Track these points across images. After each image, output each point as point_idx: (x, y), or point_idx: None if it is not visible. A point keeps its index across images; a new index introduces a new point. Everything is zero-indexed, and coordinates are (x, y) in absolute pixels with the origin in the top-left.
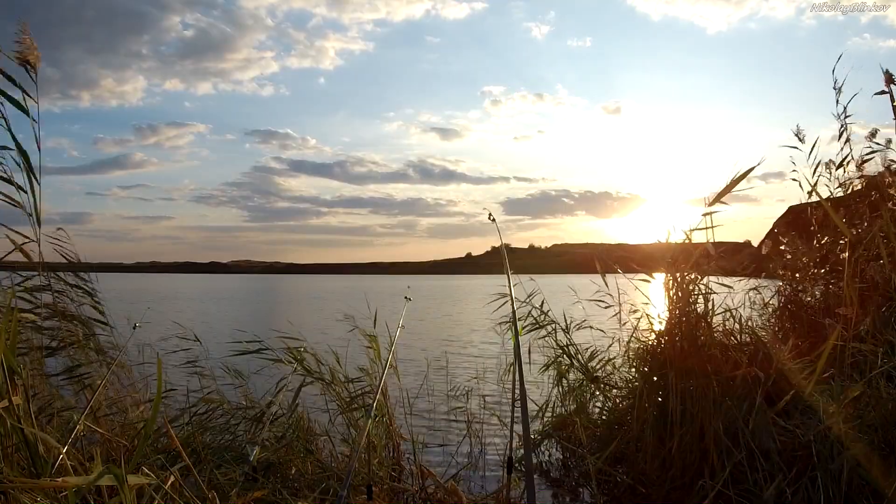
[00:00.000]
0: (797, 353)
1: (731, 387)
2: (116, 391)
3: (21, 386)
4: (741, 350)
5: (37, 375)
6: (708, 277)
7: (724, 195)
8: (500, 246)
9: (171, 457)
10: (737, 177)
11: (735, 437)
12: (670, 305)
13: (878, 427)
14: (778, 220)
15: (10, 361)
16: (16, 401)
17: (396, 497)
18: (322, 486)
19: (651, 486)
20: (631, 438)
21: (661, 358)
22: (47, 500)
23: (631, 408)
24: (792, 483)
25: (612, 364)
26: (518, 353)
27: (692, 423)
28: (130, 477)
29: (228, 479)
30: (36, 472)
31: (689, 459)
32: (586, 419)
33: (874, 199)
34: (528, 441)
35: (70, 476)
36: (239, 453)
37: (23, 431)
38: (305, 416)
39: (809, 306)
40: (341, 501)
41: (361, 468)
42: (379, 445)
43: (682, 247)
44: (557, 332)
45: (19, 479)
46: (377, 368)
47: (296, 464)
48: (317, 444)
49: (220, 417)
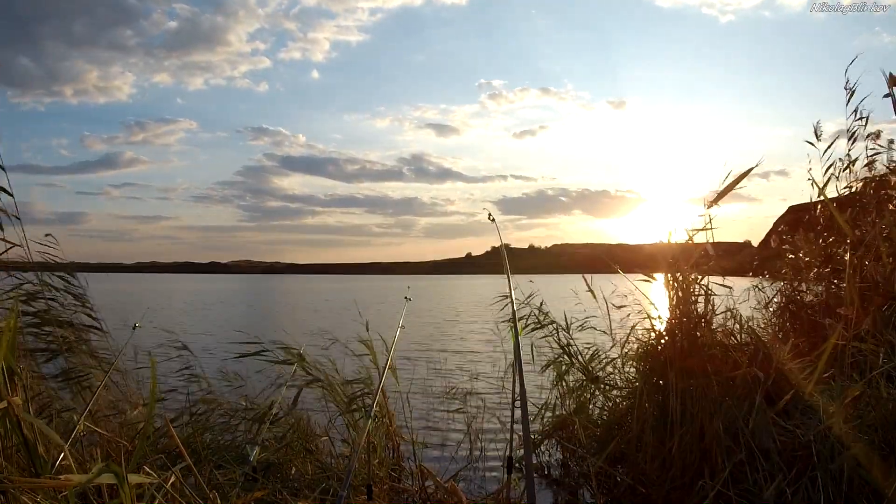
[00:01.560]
0: (797, 353)
1: (731, 387)
2: (114, 394)
3: (20, 386)
4: (741, 350)
5: (35, 377)
6: (708, 277)
7: (721, 197)
8: (500, 246)
9: (172, 456)
10: (735, 178)
11: (735, 437)
12: (670, 305)
13: (878, 427)
14: (779, 219)
15: (9, 361)
16: (15, 401)
17: (396, 497)
18: (322, 486)
19: (651, 486)
20: (631, 438)
21: (661, 358)
22: (47, 499)
23: (631, 408)
24: (792, 483)
25: (613, 364)
26: (518, 353)
27: (692, 423)
28: (131, 476)
29: (228, 479)
30: (36, 471)
31: (689, 459)
32: (586, 419)
33: (878, 200)
34: (528, 441)
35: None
36: (239, 453)
37: (22, 432)
38: (305, 417)
39: (810, 306)
40: (341, 501)
41: (361, 468)
42: (379, 446)
43: (683, 247)
44: (558, 331)
45: (19, 478)
46: (377, 369)
47: (296, 464)
48: (317, 445)
49: (221, 418)
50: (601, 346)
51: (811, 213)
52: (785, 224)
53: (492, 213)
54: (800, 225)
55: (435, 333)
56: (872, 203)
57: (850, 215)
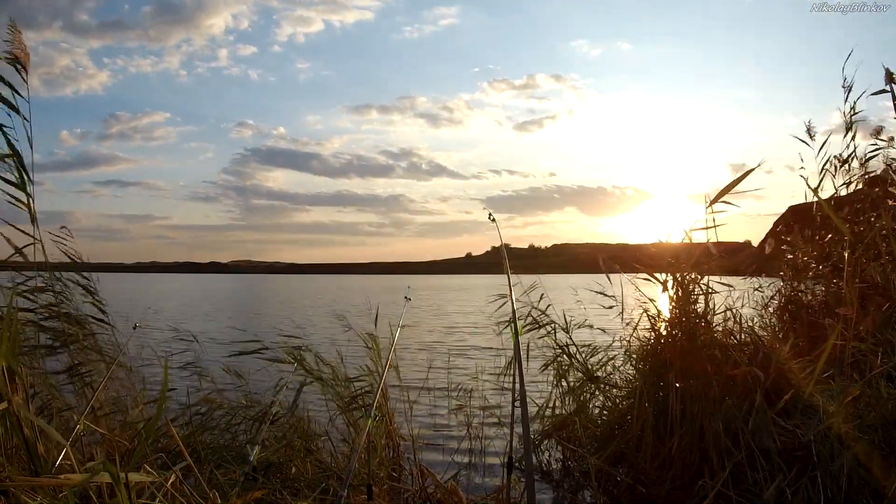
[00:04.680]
0: (797, 353)
1: (731, 387)
2: (117, 390)
3: (21, 386)
4: (741, 350)
5: (37, 375)
6: (708, 277)
7: (721, 197)
8: (500, 246)
9: (172, 456)
10: (735, 179)
11: (735, 437)
12: (671, 305)
13: (878, 427)
14: (778, 219)
15: (10, 361)
16: (15, 401)
17: (396, 497)
18: (322, 486)
19: (651, 485)
20: (631, 438)
21: (662, 358)
22: (47, 499)
23: (631, 408)
24: (792, 483)
25: (613, 364)
26: (518, 353)
27: (692, 423)
28: (131, 475)
29: (228, 479)
30: (35, 471)
31: (689, 459)
32: (586, 419)
33: (875, 198)
34: (528, 441)
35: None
36: (239, 453)
37: (22, 431)
38: (305, 416)
39: (809, 306)
40: (341, 501)
41: (361, 468)
42: (379, 445)
43: (685, 247)
44: (557, 331)
45: (19, 477)
46: (377, 368)
47: (296, 464)
48: (317, 444)
49: (222, 418)
50: (601, 345)
51: (809, 213)
52: (784, 224)
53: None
54: (798, 224)
55: (435, 333)
56: (868, 201)
57: (846, 213)
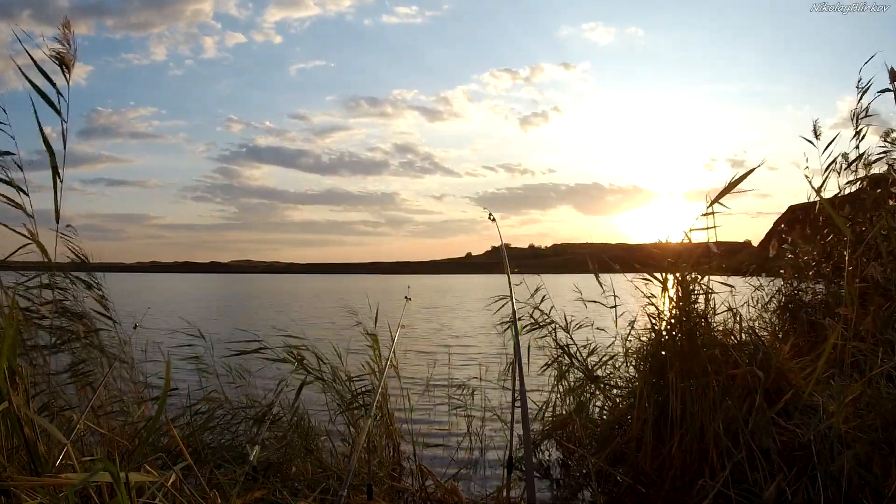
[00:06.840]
0: (797, 352)
1: (731, 387)
2: (119, 388)
3: (21, 386)
4: (741, 350)
5: (38, 374)
6: (709, 276)
7: (721, 197)
8: (500, 246)
9: (172, 455)
10: (735, 179)
11: (735, 436)
12: (671, 304)
13: (878, 427)
14: (778, 219)
15: (11, 361)
16: (16, 401)
17: (396, 497)
18: (322, 485)
19: (651, 486)
20: (631, 438)
21: (661, 358)
22: (48, 499)
23: (631, 408)
24: (792, 483)
25: (613, 363)
26: (518, 353)
27: (692, 423)
28: (131, 475)
29: (229, 478)
30: (36, 470)
31: (689, 459)
32: (586, 419)
33: (877, 197)
34: (528, 441)
35: (69, 474)
36: (239, 453)
37: (23, 431)
38: (306, 416)
39: (809, 306)
40: (341, 501)
41: (361, 468)
42: (379, 445)
43: (686, 246)
44: (557, 331)
45: (20, 477)
46: (378, 368)
47: (296, 464)
48: (317, 444)
49: (222, 417)
50: (601, 345)
51: (810, 213)
52: (785, 224)
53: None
54: (799, 224)
55: (436, 333)
56: (870, 200)
57: (847, 213)
